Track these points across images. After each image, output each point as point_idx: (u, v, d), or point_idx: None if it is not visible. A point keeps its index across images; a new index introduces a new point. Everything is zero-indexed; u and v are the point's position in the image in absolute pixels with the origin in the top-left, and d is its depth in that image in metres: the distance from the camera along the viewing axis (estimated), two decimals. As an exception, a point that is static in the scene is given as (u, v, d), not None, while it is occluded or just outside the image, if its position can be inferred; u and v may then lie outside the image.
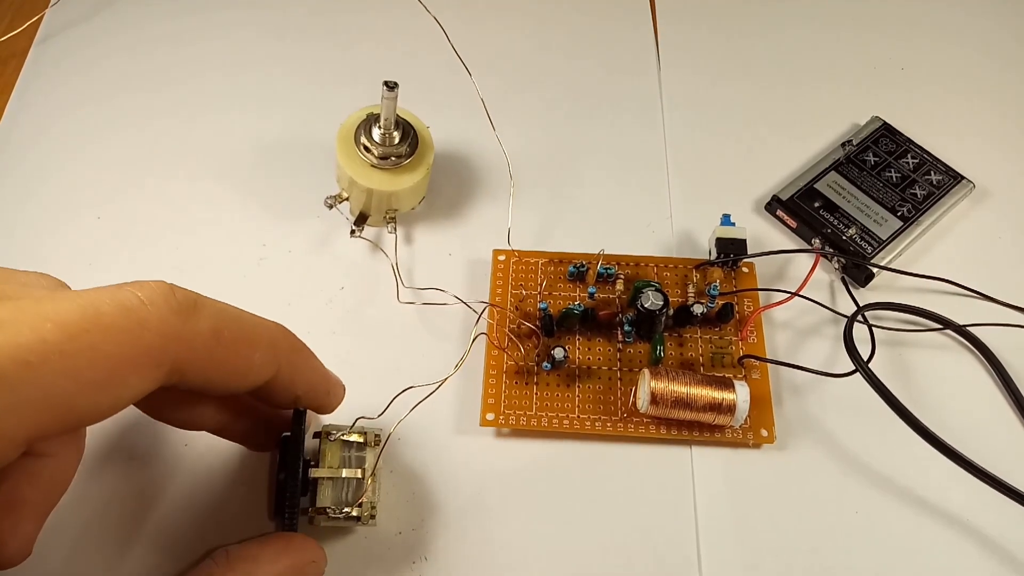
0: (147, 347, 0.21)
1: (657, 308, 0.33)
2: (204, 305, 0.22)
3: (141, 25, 0.47)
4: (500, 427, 0.33)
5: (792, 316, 0.36)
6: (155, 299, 0.21)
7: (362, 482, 0.28)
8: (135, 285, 0.21)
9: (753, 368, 0.34)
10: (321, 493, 0.27)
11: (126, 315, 0.20)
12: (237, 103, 0.43)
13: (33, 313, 0.19)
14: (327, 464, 0.27)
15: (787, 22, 0.49)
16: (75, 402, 0.20)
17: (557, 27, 0.48)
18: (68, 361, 0.19)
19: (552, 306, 0.35)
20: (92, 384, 0.20)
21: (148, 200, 0.39)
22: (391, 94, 0.34)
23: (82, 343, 0.19)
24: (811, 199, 0.39)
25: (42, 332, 0.19)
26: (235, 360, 0.24)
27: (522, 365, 0.34)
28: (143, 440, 0.32)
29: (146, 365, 0.21)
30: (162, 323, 0.21)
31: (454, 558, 0.30)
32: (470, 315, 0.35)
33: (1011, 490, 0.29)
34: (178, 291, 0.22)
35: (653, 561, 0.30)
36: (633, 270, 0.37)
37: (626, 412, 0.33)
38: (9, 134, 0.41)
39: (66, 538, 0.29)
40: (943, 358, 0.35)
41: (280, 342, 0.25)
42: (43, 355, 0.19)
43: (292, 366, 0.26)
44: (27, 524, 0.23)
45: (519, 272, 0.37)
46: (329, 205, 0.37)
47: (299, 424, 0.27)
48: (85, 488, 0.30)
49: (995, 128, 0.43)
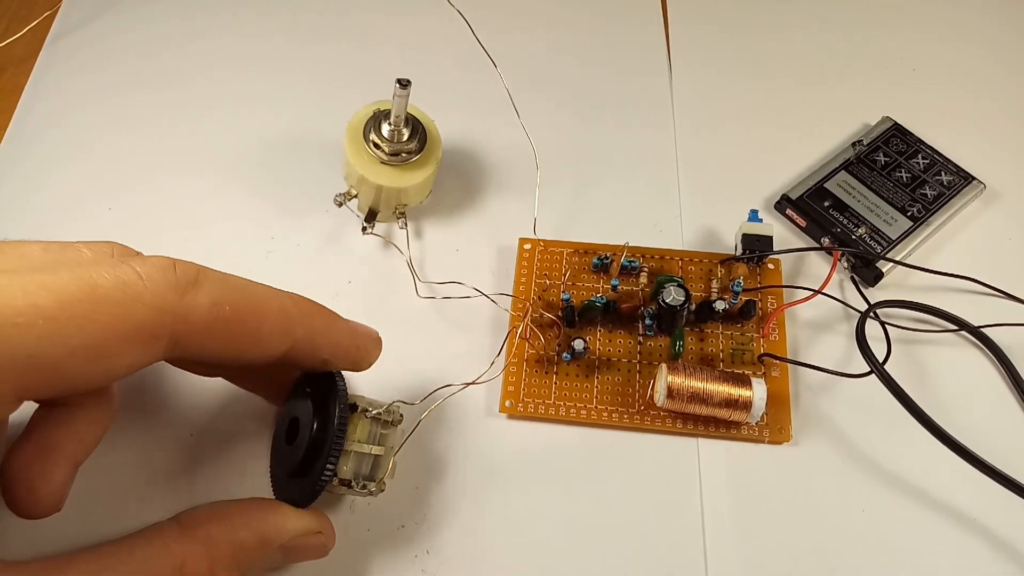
0: (140, 320, 0.21)
1: (679, 304, 0.33)
2: (206, 278, 0.23)
3: (152, 23, 0.47)
4: (518, 414, 0.33)
5: (810, 313, 0.36)
6: (153, 274, 0.22)
7: (380, 459, 0.28)
8: (137, 260, 0.22)
9: (773, 366, 0.34)
10: (343, 465, 0.26)
11: (121, 289, 0.21)
12: (247, 99, 0.44)
13: (29, 280, 0.20)
14: (356, 438, 0.27)
15: (798, 21, 0.49)
16: (63, 367, 0.20)
17: (567, 27, 0.48)
18: (56, 327, 0.20)
19: (575, 297, 0.35)
20: (82, 351, 0.20)
21: (158, 193, 0.40)
22: (404, 92, 0.33)
23: (73, 311, 0.20)
24: (821, 198, 0.39)
25: (34, 298, 0.20)
26: (240, 332, 0.24)
27: (543, 355, 0.34)
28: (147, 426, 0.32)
29: (139, 338, 0.21)
30: (156, 297, 0.21)
31: (456, 552, 0.30)
32: (487, 305, 0.35)
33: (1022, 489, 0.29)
34: (180, 265, 0.22)
35: (660, 555, 0.30)
36: (657, 263, 0.37)
37: (643, 405, 0.33)
38: (23, 126, 0.42)
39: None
40: (953, 356, 0.35)
41: (291, 310, 0.25)
42: (31, 318, 0.20)
43: (311, 332, 0.26)
44: (58, 471, 0.24)
45: (544, 261, 0.37)
46: (338, 203, 0.36)
47: (332, 379, 0.27)
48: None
49: (1006, 129, 0.44)
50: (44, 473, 0.24)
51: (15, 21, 0.47)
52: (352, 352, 0.28)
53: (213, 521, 0.25)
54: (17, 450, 0.24)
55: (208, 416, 0.32)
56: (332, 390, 0.26)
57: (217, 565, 0.24)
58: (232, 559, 0.24)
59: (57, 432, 0.24)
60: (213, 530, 0.24)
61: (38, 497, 0.24)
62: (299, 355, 0.26)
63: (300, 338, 0.25)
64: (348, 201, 0.37)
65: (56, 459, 0.24)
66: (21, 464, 0.24)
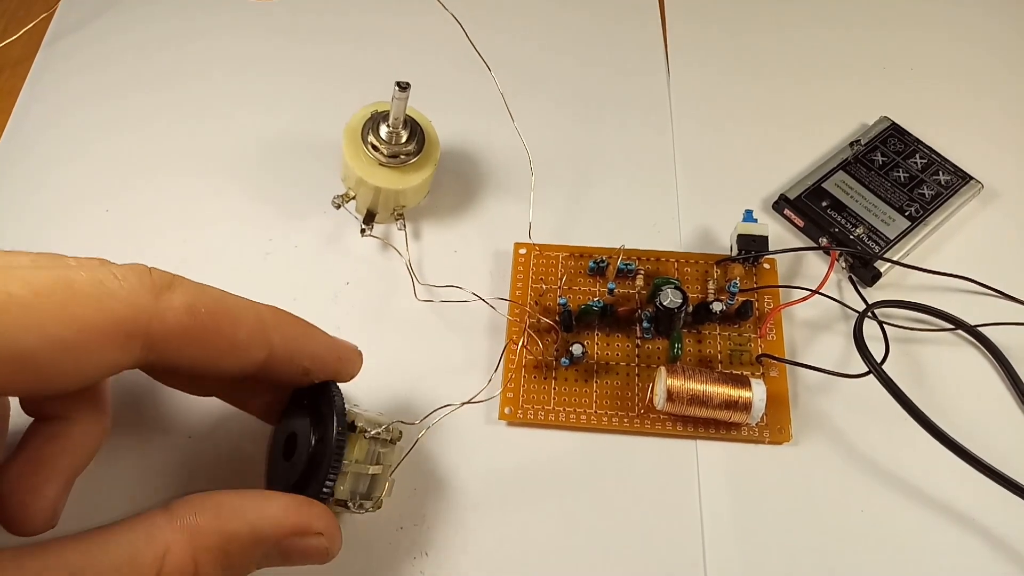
0: (114, 315, 0.21)
1: (676, 306, 0.33)
2: (181, 283, 0.23)
3: (150, 24, 0.47)
4: (517, 421, 0.33)
5: (807, 314, 0.36)
6: (128, 275, 0.22)
7: (377, 478, 0.28)
8: (114, 266, 0.22)
9: (771, 366, 0.34)
10: (340, 485, 0.26)
11: (97, 285, 0.21)
12: (245, 100, 0.44)
13: (6, 273, 0.20)
14: (354, 458, 0.27)
15: (796, 21, 0.49)
16: (36, 357, 0.20)
17: (563, 28, 0.48)
18: (33, 315, 0.20)
19: (571, 301, 0.35)
20: (57, 342, 0.20)
21: (156, 194, 0.40)
22: (403, 94, 0.33)
23: (49, 301, 0.20)
24: (819, 198, 0.39)
25: (10, 287, 0.20)
26: (215, 337, 0.24)
27: (541, 360, 0.34)
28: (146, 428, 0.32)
29: (114, 335, 0.21)
30: (132, 294, 0.22)
31: (455, 554, 0.30)
32: (485, 308, 0.35)
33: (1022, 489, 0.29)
34: (155, 272, 0.23)
35: (659, 556, 0.30)
36: (654, 265, 0.37)
37: (643, 408, 0.33)
38: (20, 128, 0.42)
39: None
40: (951, 356, 0.35)
41: (268, 319, 0.25)
42: (5, 305, 0.19)
43: (288, 341, 0.26)
44: (50, 487, 0.24)
45: (539, 266, 0.37)
46: (337, 205, 0.36)
47: (330, 395, 0.27)
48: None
49: (1004, 129, 0.44)
50: (37, 489, 0.23)
51: (13, 21, 0.47)
52: (333, 362, 0.27)
53: (204, 510, 0.23)
54: (9, 466, 0.24)
55: (204, 419, 0.32)
56: (330, 406, 0.26)
57: (202, 556, 0.23)
58: (220, 550, 0.23)
59: (49, 447, 0.24)
60: (202, 519, 0.23)
61: (30, 513, 0.23)
62: (278, 365, 0.26)
63: (277, 346, 0.25)
64: (346, 203, 0.37)
65: (49, 475, 0.24)
66: (13, 480, 0.24)
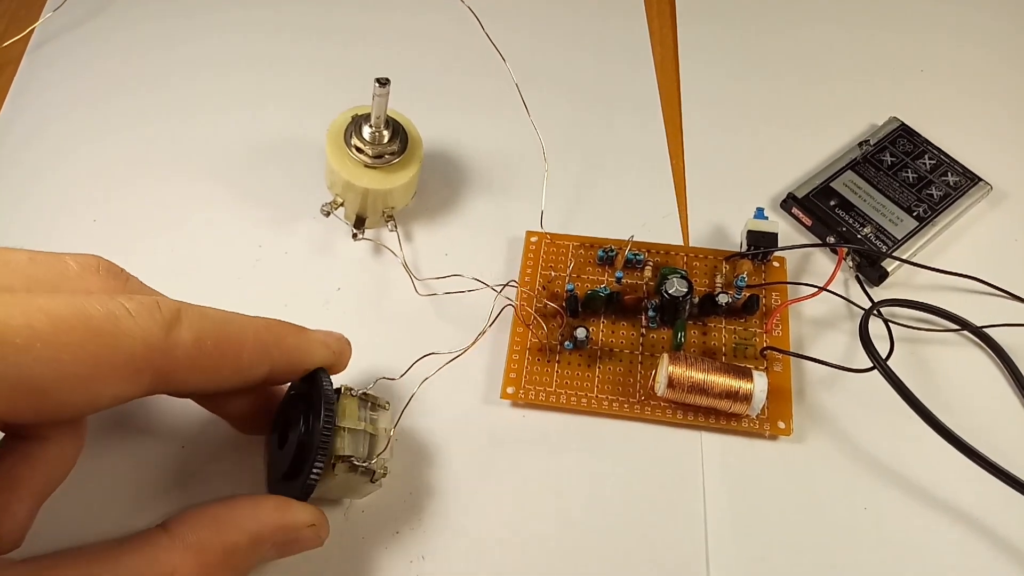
0: (129, 353, 0.22)
1: (681, 294, 0.33)
2: (187, 314, 0.24)
3: (135, 27, 0.47)
4: (519, 401, 0.33)
5: (814, 311, 0.36)
6: (141, 312, 0.22)
7: (376, 440, 0.28)
8: (125, 298, 0.23)
9: (776, 360, 0.34)
10: (341, 442, 0.26)
11: (113, 322, 0.22)
12: (232, 104, 0.43)
13: (27, 303, 0.21)
14: (347, 417, 0.27)
15: (806, 21, 0.49)
16: (52, 391, 0.21)
17: (575, 22, 0.48)
18: (52, 352, 0.20)
19: (579, 288, 0.35)
20: (72, 378, 0.21)
21: (144, 202, 0.39)
22: (383, 91, 0.33)
23: (69, 338, 0.21)
24: (827, 197, 0.39)
25: (32, 319, 0.20)
26: (221, 365, 0.25)
27: (545, 343, 0.34)
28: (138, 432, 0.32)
29: (127, 370, 0.22)
30: (145, 333, 0.22)
31: (452, 556, 0.30)
32: (488, 303, 0.34)
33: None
34: (163, 304, 0.23)
35: (659, 548, 0.30)
36: (663, 258, 0.37)
37: (643, 395, 0.33)
38: (4, 138, 0.42)
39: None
40: (956, 356, 0.35)
41: (266, 337, 0.26)
42: (29, 340, 0.20)
43: (287, 354, 0.27)
44: (21, 505, 0.24)
45: (549, 255, 0.37)
46: (326, 212, 0.36)
47: (321, 380, 0.27)
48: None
49: (1013, 130, 0.44)
50: (7, 507, 0.23)
51: (13, 23, 0.46)
52: (328, 357, 0.28)
53: (203, 526, 0.25)
54: None
55: (199, 427, 0.32)
56: (315, 385, 0.27)
57: (209, 572, 0.24)
58: (225, 563, 0.24)
59: (23, 466, 0.24)
60: (203, 536, 0.24)
61: (1, 533, 0.23)
62: (278, 377, 0.27)
63: (278, 360, 0.26)
64: (335, 210, 0.37)
65: (20, 495, 0.24)
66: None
